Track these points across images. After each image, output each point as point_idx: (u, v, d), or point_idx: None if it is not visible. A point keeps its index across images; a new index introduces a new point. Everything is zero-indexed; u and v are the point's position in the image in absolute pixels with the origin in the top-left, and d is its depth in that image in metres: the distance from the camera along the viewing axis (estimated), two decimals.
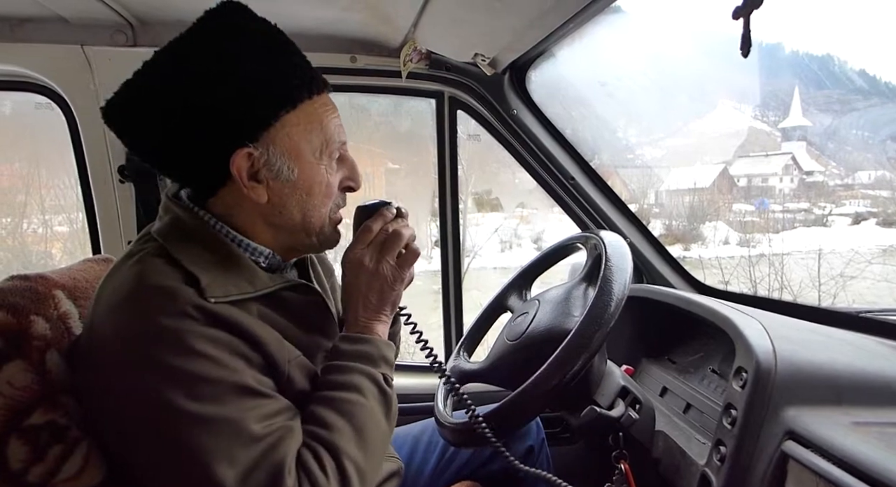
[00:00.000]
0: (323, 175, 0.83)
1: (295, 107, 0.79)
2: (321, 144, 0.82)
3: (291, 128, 0.79)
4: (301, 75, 0.80)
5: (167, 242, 0.77)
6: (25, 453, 0.71)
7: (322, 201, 0.84)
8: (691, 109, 5.56)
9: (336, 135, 0.83)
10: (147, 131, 0.78)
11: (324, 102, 0.83)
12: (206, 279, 0.74)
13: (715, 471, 0.90)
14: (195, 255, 0.76)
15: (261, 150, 0.77)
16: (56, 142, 1.58)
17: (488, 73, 1.53)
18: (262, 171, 0.79)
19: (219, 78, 0.74)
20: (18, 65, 1.39)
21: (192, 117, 0.75)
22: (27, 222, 3.50)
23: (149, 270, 0.73)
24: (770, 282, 3.56)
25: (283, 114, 0.78)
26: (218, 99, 0.74)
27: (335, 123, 0.83)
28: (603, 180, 1.68)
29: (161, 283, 0.72)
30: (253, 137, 0.77)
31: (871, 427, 0.79)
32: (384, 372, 0.84)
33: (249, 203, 0.80)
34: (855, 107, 3.87)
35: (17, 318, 0.75)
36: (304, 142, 0.80)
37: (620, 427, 0.98)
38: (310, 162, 0.81)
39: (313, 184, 0.82)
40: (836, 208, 4.56)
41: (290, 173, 0.80)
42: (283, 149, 0.79)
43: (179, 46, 0.76)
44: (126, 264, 0.76)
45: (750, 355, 0.91)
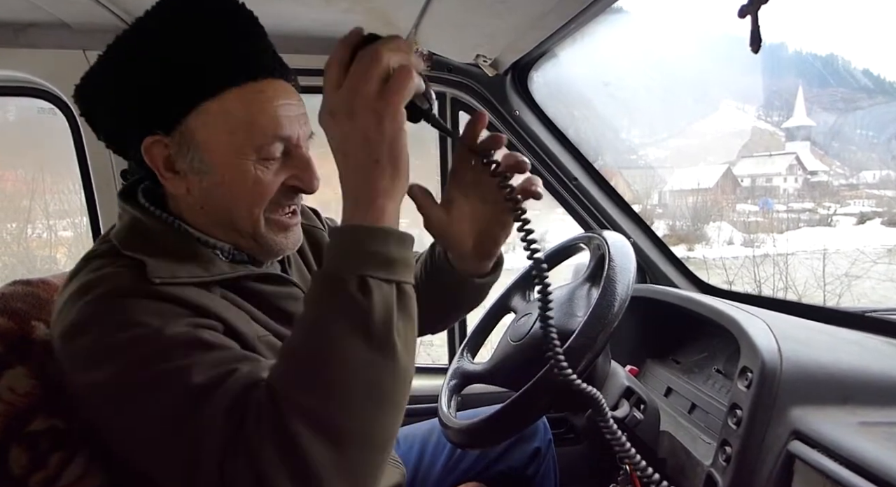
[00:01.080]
0: (249, 171, 0.72)
1: (213, 97, 0.70)
2: (246, 137, 0.71)
3: (210, 118, 0.71)
4: (230, 60, 0.71)
5: (116, 238, 0.74)
6: (26, 459, 0.70)
7: (251, 200, 0.74)
8: (695, 110, 5.56)
9: (274, 128, 0.72)
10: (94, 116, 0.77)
11: (260, 91, 0.72)
12: (151, 264, 0.68)
13: (721, 472, 0.89)
14: (139, 244, 0.72)
15: (173, 139, 0.72)
16: (60, 148, 1.59)
17: (490, 74, 1.53)
18: (178, 162, 0.73)
19: (142, 61, 0.71)
20: (21, 70, 1.40)
21: (116, 102, 0.73)
22: (31, 227, 3.51)
23: (93, 265, 0.71)
24: (774, 282, 3.54)
25: (199, 104, 0.70)
26: (138, 83, 0.71)
27: (274, 115, 0.72)
28: (606, 181, 1.68)
29: (100, 273, 0.68)
30: (163, 126, 0.72)
31: (878, 427, 0.78)
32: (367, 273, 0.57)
33: (180, 198, 0.76)
34: (860, 105, 3.86)
35: (19, 324, 0.75)
36: (223, 133, 0.71)
37: (625, 427, 0.98)
38: (229, 156, 0.72)
39: (234, 181, 0.73)
40: (841, 208, 4.55)
41: (205, 166, 0.73)
42: (198, 140, 0.72)
43: (122, 37, 0.73)
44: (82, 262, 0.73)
45: (755, 355, 0.91)
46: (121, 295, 0.65)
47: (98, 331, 0.64)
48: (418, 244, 0.70)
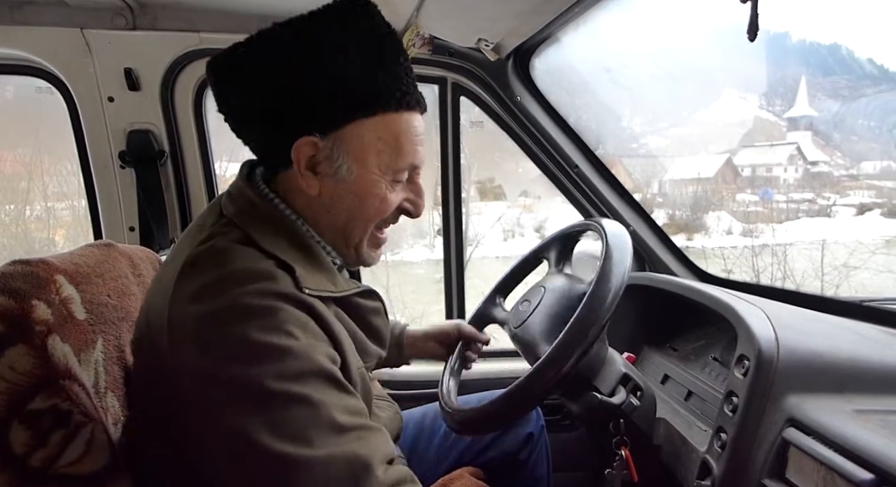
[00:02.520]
0: (382, 188, 0.81)
1: (374, 115, 0.77)
2: (390, 159, 0.80)
3: (365, 133, 0.78)
4: (392, 87, 0.78)
5: (250, 229, 0.76)
6: (27, 438, 0.71)
7: (373, 213, 0.82)
8: (696, 98, 5.52)
9: (410, 158, 0.82)
10: (236, 94, 0.79)
11: (409, 121, 0.81)
12: (299, 269, 0.74)
13: (715, 458, 0.90)
14: (282, 247, 0.76)
15: (326, 143, 0.77)
16: (58, 129, 1.57)
17: (492, 59, 1.52)
18: (321, 164, 0.78)
19: (312, 64, 0.75)
20: (18, 48, 1.38)
21: (274, 94, 0.76)
22: (30, 209, 3.50)
23: (238, 255, 0.72)
24: (773, 272, 3.55)
25: (360, 118, 0.77)
26: (303, 84, 0.75)
27: (414, 146, 0.81)
28: (606, 168, 1.67)
29: (255, 267, 0.71)
30: (323, 129, 0.76)
31: (873, 415, 0.79)
32: None
33: (303, 193, 0.80)
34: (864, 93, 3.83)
35: (19, 303, 0.75)
36: (372, 150, 0.79)
37: (622, 413, 0.98)
38: (372, 171, 0.80)
39: (368, 194, 0.80)
40: (841, 198, 4.54)
41: (349, 174, 0.79)
42: (349, 150, 0.78)
43: (294, 25, 0.76)
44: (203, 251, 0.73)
45: (752, 343, 0.91)
46: (277, 298, 0.69)
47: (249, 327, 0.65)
48: None
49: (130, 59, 1.40)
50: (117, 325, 0.93)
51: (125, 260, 1.02)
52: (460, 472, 1.09)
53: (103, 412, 0.84)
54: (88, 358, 0.84)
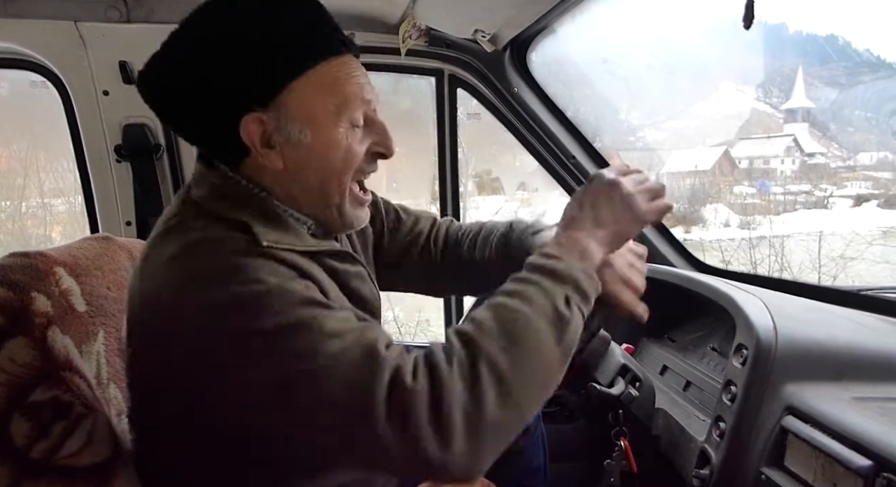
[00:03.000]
0: (341, 138, 0.78)
1: (304, 73, 0.75)
2: (338, 106, 0.77)
3: (303, 91, 0.75)
4: (313, 40, 0.77)
5: (214, 206, 0.76)
6: (29, 429, 0.71)
7: (342, 167, 0.79)
8: (694, 91, 5.51)
9: (357, 96, 0.78)
10: (169, 101, 0.78)
11: (342, 63, 0.78)
12: (257, 227, 0.73)
13: (714, 447, 0.91)
14: (241, 213, 0.75)
15: (270, 115, 0.75)
16: (52, 124, 1.57)
17: (489, 50, 1.51)
18: (274, 136, 0.76)
19: (225, 44, 0.74)
20: (11, 41, 1.37)
21: (202, 85, 0.75)
22: (26, 205, 3.48)
23: (201, 224, 0.74)
24: (770, 264, 3.56)
25: (293, 79, 0.75)
26: (224, 65, 0.74)
27: (355, 84, 0.78)
28: (604, 159, 1.67)
29: (212, 233, 0.72)
30: (261, 103, 0.75)
31: (871, 402, 0.80)
32: (568, 294, 0.71)
33: (269, 171, 0.79)
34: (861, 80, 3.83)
35: (18, 295, 0.75)
36: (317, 104, 0.76)
37: (620, 404, 0.99)
38: (325, 125, 0.77)
39: (330, 148, 0.78)
40: (838, 190, 4.54)
41: (303, 136, 0.76)
42: (294, 113, 0.76)
43: (199, 15, 0.76)
44: (173, 225, 0.76)
45: (751, 332, 0.92)
46: (238, 254, 0.69)
47: (222, 287, 0.66)
48: None
49: (125, 52, 1.39)
50: (118, 317, 0.92)
51: (124, 253, 1.02)
52: None
53: (105, 403, 0.84)
54: (90, 350, 0.84)
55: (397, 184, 4.58)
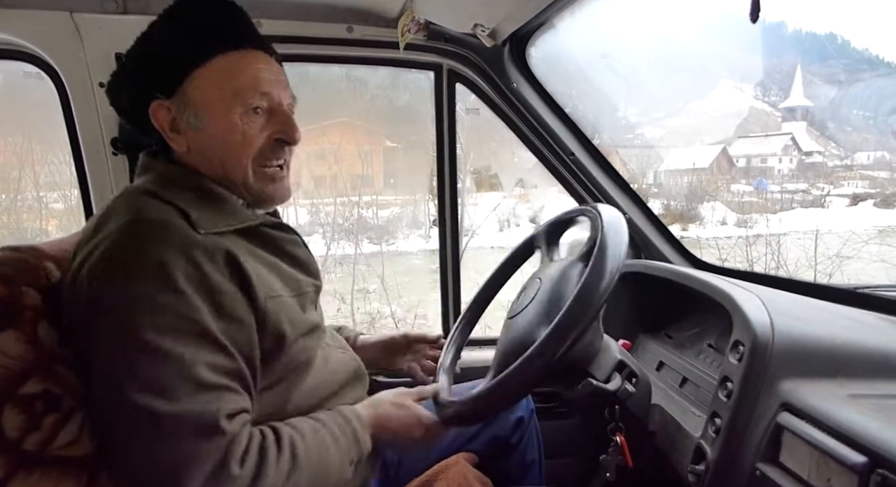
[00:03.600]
0: (236, 124, 0.86)
1: (204, 63, 0.85)
2: (232, 94, 0.86)
3: (202, 81, 0.85)
4: (214, 33, 0.86)
5: (154, 187, 0.84)
6: (21, 421, 0.71)
7: (238, 150, 0.87)
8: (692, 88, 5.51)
9: (253, 86, 0.87)
10: (116, 91, 0.91)
11: (242, 57, 0.87)
12: (195, 214, 0.80)
13: (710, 443, 0.91)
14: (181, 196, 0.83)
15: (174, 102, 0.86)
16: (47, 116, 1.55)
17: (488, 45, 1.50)
18: (178, 122, 0.86)
19: (148, 41, 0.87)
20: (6, 32, 1.35)
21: (124, 79, 0.88)
22: (22, 198, 3.47)
23: (143, 205, 0.80)
24: (767, 262, 3.57)
25: (194, 69, 0.85)
26: (142, 58, 0.87)
27: (254, 75, 0.87)
28: (603, 156, 1.66)
29: (154, 215, 0.78)
30: (166, 91, 0.85)
31: (867, 399, 0.79)
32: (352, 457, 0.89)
33: (181, 155, 0.89)
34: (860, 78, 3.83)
35: (9, 289, 0.75)
36: (213, 93, 0.85)
37: (617, 400, 0.99)
38: (219, 111, 0.86)
39: (226, 133, 0.86)
40: (835, 189, 4.56)
41: (200, 121, 0.86)
42: (194, 100, 0.85)
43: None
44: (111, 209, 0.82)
45: (747, 328, 0.91)
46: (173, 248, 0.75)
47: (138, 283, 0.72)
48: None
49: (121, 44, 1.35)
50: None
51: None
52: (455, 458, 1.10)
53: None
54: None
55: (395, 179, 4.58)
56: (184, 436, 0.69)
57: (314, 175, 3.95)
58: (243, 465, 0.72)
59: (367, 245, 4.34)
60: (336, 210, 4.16)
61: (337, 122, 3.96)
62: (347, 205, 4.20)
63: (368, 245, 4.35)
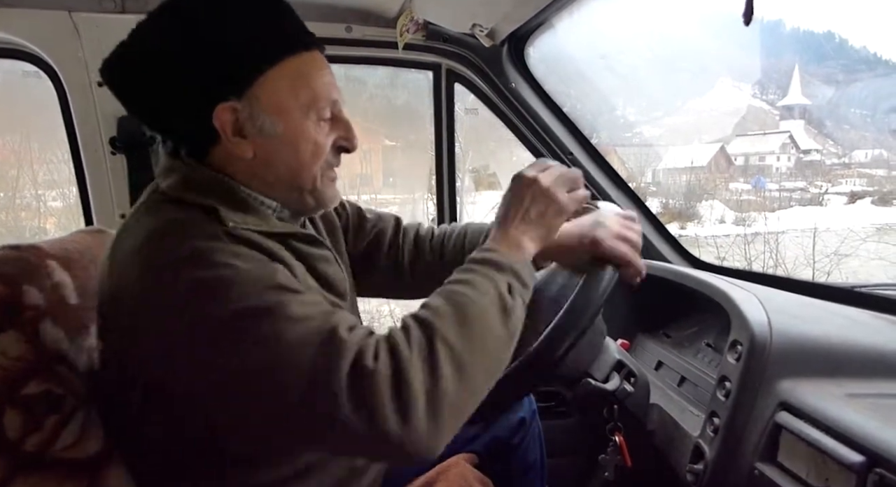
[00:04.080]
0: (310, 132, 0.81)
1: (278, 64, 0.78)
2: (308, 101, 0.80)
3: (276, 84, 0.78)
4: (286, 32, 0.80)
5: (180, 194, 0.77)
6: (22, 422, 0.70)
7: (311, 159, 0.82)
8: (690, 87, 5.52)
9: (325, 93, 0.82)
10: (139, 90, 0.80)
11: (313, 59, 0.82)
12: (223, 210, 0.75)
13: (708, 442, 0.91)
14: (206, 198, 0.77)
15: (243, 105, 0.77)
16: (45, 114, 1.55)
17: (487, 45, 1.50)
18: (246, 126, 0.78)
19: (202, 35, 0.76)
20: (4, 30, 1.35)
21: (177, 74, 0.76)
22: (20, 197, 3.46)
23: (165, 211, 0.75)
24: (765, 260, 3.58)
25: (267, 70, 0.78)
26: (201, 55, 0.76)
27: (325, 81, 0.82)
28: (600, 155, 1.67)
29: (180, 217, 0.74)
30: (236, 92, 0.77)
31: (864, 399, 0.80)
32: (510, 281, 0.75)
33: (239, 160, 0.80)
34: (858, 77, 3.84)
35: (10, 287, 0.74)
36: (289, 97, 0.79)
37: (616, 399, 0.99)
38: (296, 118, 0.80)
39: (300, 141, 0.81)
40: (833, 187, 4.57)
41: (274, 128, 0.79)
42: (267, 105, 0.78)
43: (169, 6, 0.77)
44: (139, 216, 0.77)
45: (745, 328, 0.92)
46: (202, 238, 0.70)
47: (185, 272, 0.68)
48: None
49: None
50: None
51: None
52: (456, 459, 1.09)
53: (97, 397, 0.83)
54: (82, 344, 0.84)
55: (394, 178, 4.57)
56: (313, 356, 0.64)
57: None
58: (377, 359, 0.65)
59: None
60: None
61: None
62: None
63: None
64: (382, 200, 4.32)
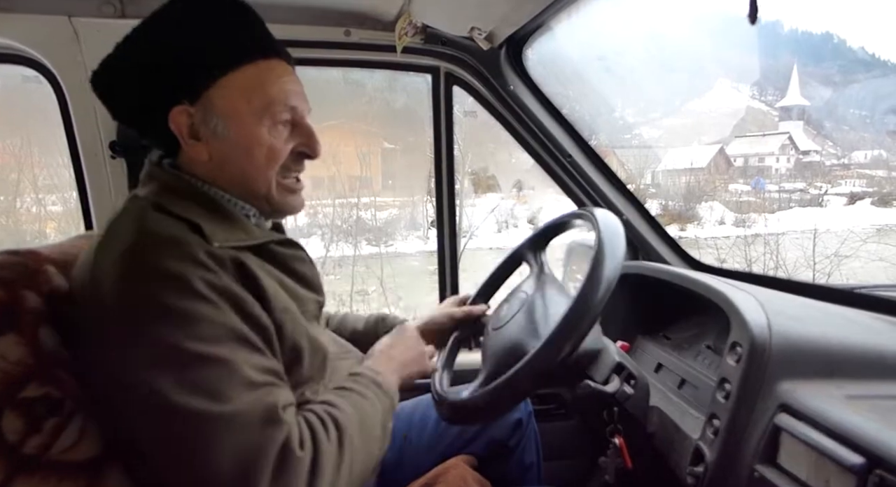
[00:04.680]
0: (264, 137, 0.84)
1: (232, 71, 0.82)
2: (262, 106, 0.83)
3: (230, 90, 0.82)
4: (241, 41, 0.83)
5: (161, 199, 0.81)
6: (21, 425, 0.71)
7: (265, 163, 0.85)
8: (689, 89, 5.53)
9: (282, 98, 0.85)
10: (117, 97, 0.85)
11: (271, 67, 0.85)
12: (207, 228, 0.78)
13: (708, 444, 0.91)
14: (191, 210, 0.80)
15: (197, 108, 0.82)
16: (46, 119, 1.55)
17: (485, 48, 1.50)
18: (200, 129, 0.83)
19: (161, 43, 0.81)
20: (4, 36, 1.35)
21: (139, 79, 0.82)
22: (20, 201, 3.47)
23: (151, 221, 0.77)
24: (765, 262, 3.58)
25: (219, 77, 0.81)
26: (159, 60, 0.80)
27: (283, 88, 0.85)
28: (599, 157, 1.67)
29: (166, 232, 0.75)
30: (190, 96, 0.81)
31: (863, 400, 0.80)
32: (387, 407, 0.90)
33: (198, 163, 0.85)
34: (856, 78, 3.85)
35: (9, 292, 0.75)
36: (242, 102, 0.82)
37: (615, 402, 0.99)
38: (248, 122, 0.83)
39: (252, 146, 0.84)
40: (832, 188, 4.57)
41: (227, 131, 0.83)
42: (220, 109, 0.82)
43: (148, 19, 0.82)
44: (121, 222, 0.79)
45: (745, 330, 0.92)
46: (187, 259, 0.73)
47: (159, 295, 0.70)
48: None
49: None
50: None
51: None
52: (454, 461, 1.10)
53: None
54: None
55: (393, 181, 4.58)
56: (249, 430, 0.68)
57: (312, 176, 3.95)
58: (303, 447, 0.71)
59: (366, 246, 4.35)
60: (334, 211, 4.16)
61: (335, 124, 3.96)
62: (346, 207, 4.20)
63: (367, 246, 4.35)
64: (381, 203, 4.33)
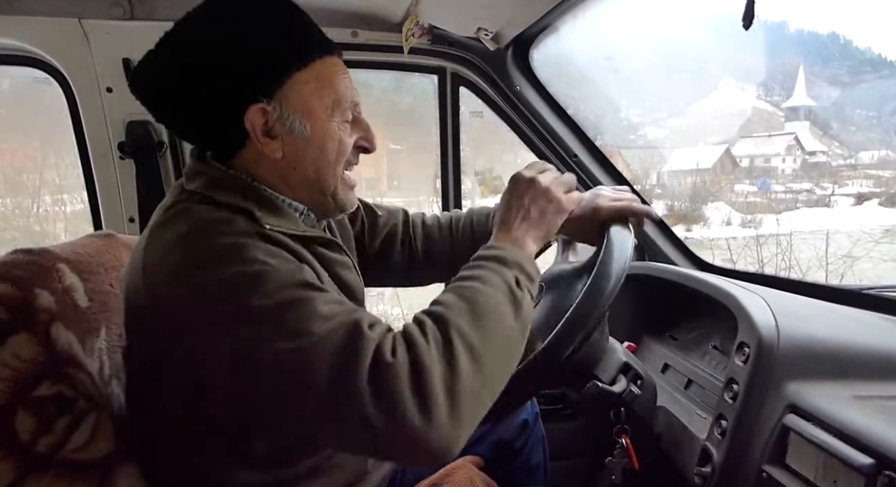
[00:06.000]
0: (335, 132, 0.84)
1: (306, 66, 0.81)
2: (332, 102, 0.84)
3: (303, 86, 0.81)
4: (311, 37, 0.84)
5: (208, 191, 0.80)
6: (33, 424, 0.71)
7: (335, 158, 0.86)
8: (695, 89, 5.51)
9: (347, 95, 0.85)
10: (169, 96, 0.82)
11: (335, 63, 0.85)
12: (258, 212, 0.78)
13: (716, 445, 0.91)
14: (240, 200, 0.79)
15: (274, 106, 0.80)
16: (56, 121, 1.56)
17: (491, 49, 1.51)
18: (275, 127, 0.81)
19: (234, 40, 0.78)
20: (15, 38, 1.37)
21: (209, 78, 0.79)
22: (35, 203, 3.49)
23: (197, 212, 0.77)
24: (777, 263, 3.55)
25: (295, 72, 0.81)
26: (231, 60, 0.78)
27: (346, 84, 0.86)
28: (605, 158, 1.67)
29: (216, 215, 0.76)
30: (267, 94, 0.80)
31: (871, 401, 0.80)
32: (517, 275, 0.78)
33: (267, 160, 0.83)
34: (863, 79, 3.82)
35: (22, 291, 0.75)
36: (315, 99, 0.82)
37: (622, 402, 0.99)
38: (322, 118, 0.83)
39: (326, 141, 0.84)
40: (839, 188, 4.54)
41: (303, 128, 0.82)
42: (295, 105, 0.81)
43: (196, 15, 0.80)
44: (168, 219, 0.79)
45: (753, 330, 0.92)
46: (242, 235, 0.73)
47: (226, 265, 0.70)
48: None
49: (129, 50, 1.39)
50: (120, 314, 0.93)
51: (126, 250, 1.03)
52: (461, 462, 1.10)
53: (108, 399, 0.84)
54: (93, 346, 0.85)
55: (399, 181, 4.58)
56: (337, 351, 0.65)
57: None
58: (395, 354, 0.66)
59: None
60: None
61: None
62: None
63: None
64: (387, 203, 4.33)
